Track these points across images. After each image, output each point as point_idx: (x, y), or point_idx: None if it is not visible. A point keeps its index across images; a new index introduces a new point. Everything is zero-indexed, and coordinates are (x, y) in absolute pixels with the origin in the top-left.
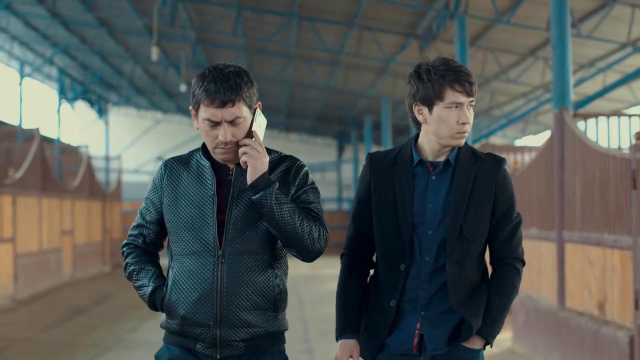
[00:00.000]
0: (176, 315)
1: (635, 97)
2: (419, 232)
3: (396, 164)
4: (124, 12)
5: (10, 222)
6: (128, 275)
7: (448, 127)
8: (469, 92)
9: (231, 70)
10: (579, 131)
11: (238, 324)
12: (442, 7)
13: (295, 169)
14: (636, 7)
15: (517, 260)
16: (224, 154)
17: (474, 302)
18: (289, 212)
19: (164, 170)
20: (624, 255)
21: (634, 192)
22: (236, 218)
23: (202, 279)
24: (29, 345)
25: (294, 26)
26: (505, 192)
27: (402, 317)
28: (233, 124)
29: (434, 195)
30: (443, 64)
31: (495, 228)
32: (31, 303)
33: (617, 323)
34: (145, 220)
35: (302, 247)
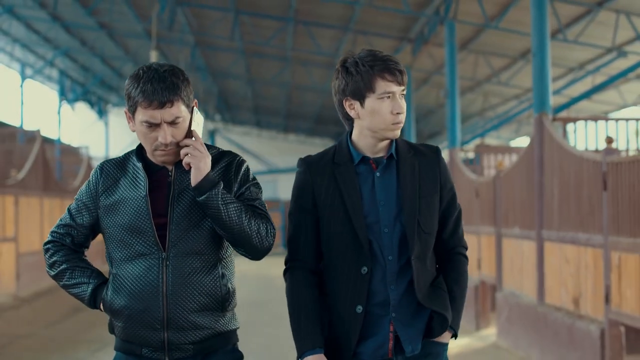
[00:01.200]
0: (120, 320)
1: (623, 99)
2: (374, 232)
3: (336, 165)
4: (124, 16)
5: (12, 221)
6: (57, 273)
7: (383, 119)
8: (399, 81)
9: (166, 69)
10: (556, 135)
11: (186, 326)
12: (432, 13)
13: (236, 165)
14: (621, 12)
15: (464, 249)
16: (164, 156)
17: (438, 295)
18: (236, 211)
19: (99, 175)
20: (596, 253)
21: (605, 193)
22: (179, 218)
23: (146, 282)
24: (32, 341)
25: (290, 30)
26: (449, 182)
27: (372, 322)
28: (172, 125)
29: (383, 192)
30: (369, 55)
31: (442, 218)
32: (33, 301)
33: (590, 317)
34: (75, 222)
35: (250, 245)
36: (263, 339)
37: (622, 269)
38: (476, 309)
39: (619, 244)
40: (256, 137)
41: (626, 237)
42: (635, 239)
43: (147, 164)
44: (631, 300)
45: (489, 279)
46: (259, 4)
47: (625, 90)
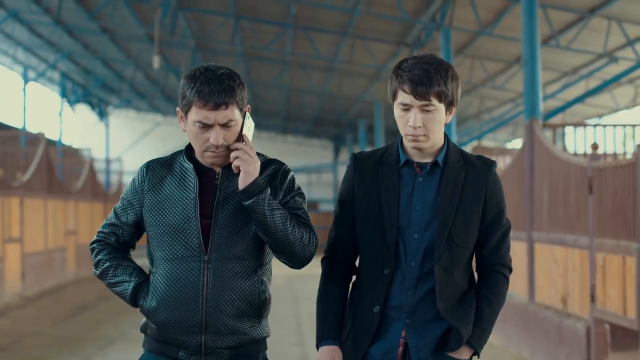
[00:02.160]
0: (158, 322)
1: (616, 103)
2: (404, 236)
3: (382, 165)
4: (126, 20)
5: (18, 222)
6: (101, 272)
7: (402, 128)
8: (418, 96)
9: (223, 72)
10: (546, 141)
11: (224, 330)
12: (428, 20)
13: (282, 173)
14: (612, 19)
15: (505, 268)
16: (213, 158)
17: (463, 310)
18: (281, 218)
19: (145, 172)
20: (583, 254)
21: (590, 197)
22: (223, 222)
23: (187, 284)
24: (40, 339)
25: (289, 35)
26: (496, 197)
27: (387, 325)
28: (225, 127)
29: (420, 198)
30: (409, 64)
31: (484, 234)
32: (38, 300)
33: (577, 315)
34: (120, 221)
35: (292, 253)
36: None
37: (607, 269)
38: None
39: (603, 246)
40: (255, 139)
41: (610, 239)
42: (619, 240)
43: (195, 165)
44: (615, 299)
45: None
46: (259, 9)
47: (618, 94)
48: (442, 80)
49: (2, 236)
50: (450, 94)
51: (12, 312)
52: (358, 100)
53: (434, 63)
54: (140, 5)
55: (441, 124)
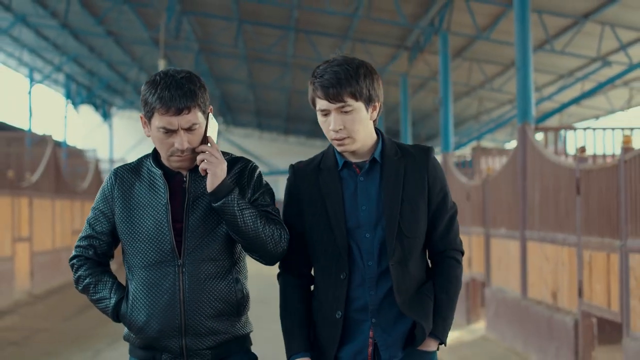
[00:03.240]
0: (140, 329)
1: (611, 104)
2: (356, 237)
3: (321, 171)
4: (131, 24)
5: (27, 222)
6: (83, 288)
7: (326, 133)
8: (332, 99)
9: (184, 76)
10: (537, 144)
11: (203, 332)
12: (427, 25)
13: (249, 171)
14: (605, 24)
15: (456, 252)
16: (179, 162)
17: (422, 303)
18: (252, 217)
19: (114, 180)
20: (571, 251)
21: (578, 197)
22: (194, 225)
23: (163, 290)
24: (50, 335)
25: (291, 38)
26: (438, 182)
27: (352, 328)
28: (189, 131)
29: (365, 197)
30: (320, 70)
31: (432, 220)
32: (47, 298)
33: (565, 310)
34: (95, 231)
35: (265, 251)
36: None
37: (593, 265)
38: (467, 305)
39: (589, 243)
40: (257, 139)
41: (596, 237)
42: (604, 238)
43: (163, 170)
44: (600, 293)
45: (478, 276)
46: (261, 13)
47: (612, 96)
48: (353, 80)
49: (12, 235)
50: (366, 91)
51: (22, 309)
52: None
53: (344, 64)
54: (145, 9)
55: (365, 122)
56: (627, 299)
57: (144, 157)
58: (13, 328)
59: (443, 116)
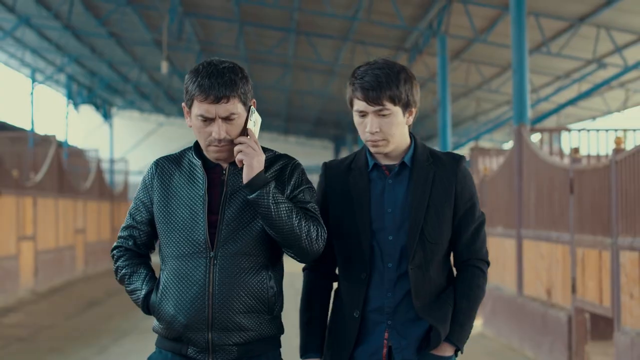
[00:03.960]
0: (167, 320)
1: (607, 105)
2: (379, 238)
3: (351, 171)
4: (133, 25)
5: (31, 221)
6: (120, 279)
7: (361, 134)
8: (371, 101)
9: (226, 65)
10: (533, 145)
11: (231, 327)
12: (425, 27)
13: (291, 167)
14: (601, 27)
15: (481, 262)
16: (217, 152)
17: (440, 308)
18: (287, 211)
19: (154, 170)
20: (565, 249)
21: (571, 196)
22: (229, 218)
23: (193, 281)
24: (55, 331)
25: (292, 40)
26: (467, 191)
27: (368, 328)
28: (227, 121)
29: (391, 199)
30: (361, 72)
31: (458, 229)
32: (50, 295)
33: (560, 306)
34: (135, 221)
35: (299, 247)
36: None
37: (585, 262)
38: None
39: (582, 241)
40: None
41: (588, 235)
42: (595, 236)
43: (203, 161)
44: (593, 290)
45: None
46: (262, 15)
47: (609, 97)
48: (393, 84)
49: (17, 234)
50: (405, 96)
51: (26, 307)
52: None
53: (385, 67)
54: (148, 11)
55: (400, 127)
56: (617, 294)
57: (187, 149)
58: (19, 325)
59: (441, 117)
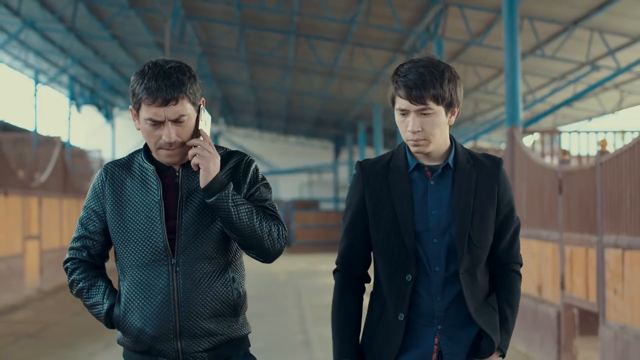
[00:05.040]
0: (134, 333)
1: (602, 106)
2: (422, 241)
3: (390, 170)
4: (136, 28)
5: (36, 221)
6: (76, 292)
7: (403, 133)
8: (414, 100)
9: (172, 65)
10: (524, 146)
11: (199, 333)
12: (422, 31)
13: (245, 164)
14: (594, 30)
15: (517, 265)
16: (168, 156)
17: (489, 314)
18: (247, 213)
19: (104, 176)
20: (554, 247)
21: (560, 196)
22: (188, 223)
23: (156, 290)
24: (63, 328)
25: (292, 42)
26: (507, 195)
27: (415, 332)
28: (177, 123)
29: (435, 201)
30: (405, 69)
31: (498, 232)
32: (56, 293)
33: (549, 302)
34: (88, 231)
35: (262, 248)
36: (270, 326)
37: (573, 260)
38: None
39: (570, 239)
40: (258, 139)
41: (576, 234)
42: (583, 235)
43: (155, 165)
44: (580, 286)
45: None
46: (263, 18)
47: (603, 98)
48: (437, 83)
49: (23, 233)
50: (448, 95)
51: (33, 305)
52: (357, 102)
53: (429, 66)
54: (151, 14)
55: (442, 127)
56: (603, 290)
57: (135, 152)
58: (27, 321)
59: None
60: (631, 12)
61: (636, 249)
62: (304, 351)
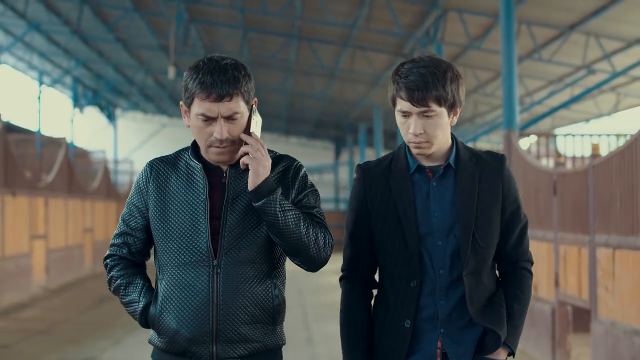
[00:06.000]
0: (169, 334)
1: (599, 109)
2: (427, 244)
3: (392, 173)
4: (140, 31)
5: (43, 220)
6: (114, 289)
7: (404, 135)
8: (416, 102)
9: (228, 62)
10: (521, 149)
11: (236, 339)
12: (422, 35)
13: (294, 170)
14: (590, 34)
15: (528, 263)
16: (218, 154)
17: (494, 311)
18: (294, 219)
19: (149, 172)
20: (549, 246)
21: (554, 197)
22: (232, 224)
23: (196, 291)
24: (71, 325)
25: (294, 45)
26: (512, 192)
27: (420, 337)
28: (230, 120)
29: (438, 203)
30: (405, 69)
31: (505, 231)
32: (62, 292)
33: (544, 299)
34: (129, 227)
35: (307, 256)
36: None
37: (567, 259)
38: None
39: (564, 239)
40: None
41: (569, 233)
42: (576, 234)
43: (203, 164)
44: (573, 284)
45: None
46: (265, 22)
47: (600, 101)
48: (439, 84)
49: (30, 233)
50: (451, 96)
51: (40, 303)
52: (358, 104)
53: (431, 66)
54: (155, 17)
55: (444, 128)
56: (594, 287)
57: (182, 150)
58: (35, 319)
59: None
60: (626, 18)
61: (626, 248)
62: (307, 347)
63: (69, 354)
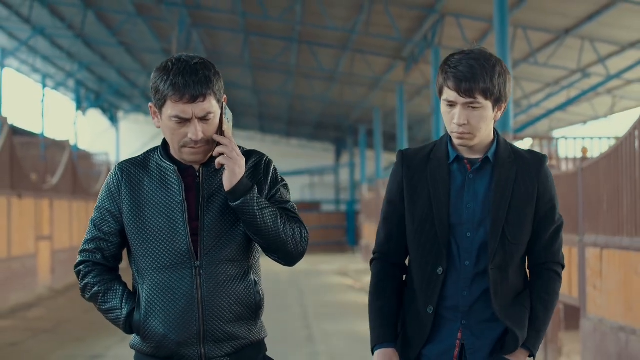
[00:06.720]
0: (156, 339)
1: (595, 111)
2: (456, 234)
3: (430, 161)
4: (143, 35)
5: (48, 222)
6: (90, 297)
7: (447, 125)
8: (463, 93)
9: (197, 61)
10: None
11: (222, 337)
12: (420, 39)
13: (265, 165)
14: (585, 39)
15: (558, 265)
16: (192, 154)
17: (518, 311)
18: (272, 217)
19: (120, 176)
20: None
21: None
22: (210, 224)
23: (180, 294)
24: (77, 324)
25: (294, 49)
26: (548, 192)
27: (441, 326)
28: (203, 120)
29: (472, 195)
30: (455, 60)
31: (537, 230)
32: (67, 292)
33: None
34: (102, 232)
35: (285, 251)
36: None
37: None
38: None
39: None
40: (260, 142)
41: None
42: (566, 235)
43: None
44: (564, 283)
45: None
46: (266, 26)
47: (596, 103)
48: (487, 77)
49: (35, 234)
50: (497, 90)
51: (46, 302)
52: (358, 106)
53: (481, 59)
54: (157, 22)
55: (488, 121)
56: (584, 286)
57: (151, 151)
58: (42, 318)
59: (436, 121)
60: (619, 22)
61: (613, 248)
62: (308, 345)
63: (75, 352)
